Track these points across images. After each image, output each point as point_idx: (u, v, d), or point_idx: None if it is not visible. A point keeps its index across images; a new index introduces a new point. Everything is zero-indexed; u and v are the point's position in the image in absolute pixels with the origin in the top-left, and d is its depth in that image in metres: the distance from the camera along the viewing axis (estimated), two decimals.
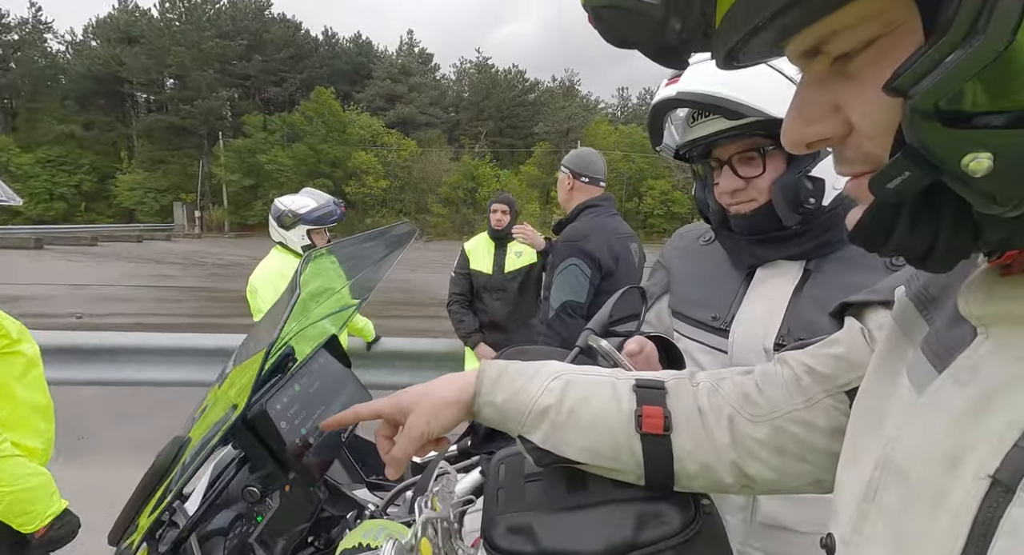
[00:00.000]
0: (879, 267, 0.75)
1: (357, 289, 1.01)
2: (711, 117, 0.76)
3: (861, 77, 0.27)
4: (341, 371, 0.68)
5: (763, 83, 0.71)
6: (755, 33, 0.27)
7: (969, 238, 0.26)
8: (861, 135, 0.28)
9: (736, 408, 0.52)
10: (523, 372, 0.56)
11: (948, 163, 0.23)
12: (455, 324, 2.85)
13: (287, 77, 41.19)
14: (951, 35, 0.21)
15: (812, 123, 0.30)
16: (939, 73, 0.22)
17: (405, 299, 10.34)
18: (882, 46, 0.25)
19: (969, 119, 0.22)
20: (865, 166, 0.29)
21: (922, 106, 0.23)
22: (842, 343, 0.50)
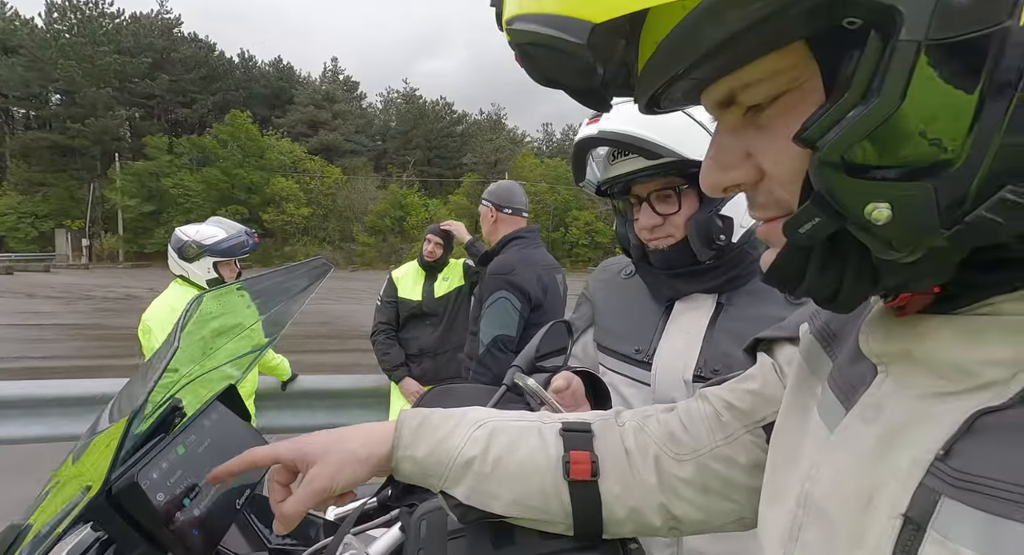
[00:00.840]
0: (781, 300, 0.81)
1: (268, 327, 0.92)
2: (630, 156, 0.80)
3: (771, 127, 0.29)
4: (239, 426, 0.61)
5: (678, 127, 0.76)
6: (673, 82, 0.28)
7: (870, 282, 0.28)
8: (772, 181, 0.30)
9: (661, 447, 0.52)
10: (446, 421, 0.53)
11: (852, 211, 0.25)
12: (379, 357, 2.72)
13: (198, 98, 38.80)
14: (851, 93, 0.23)
15: (727, 169, 0.32)
16: (842, 127, 0.23)
17: (327, 332, 9.78)
18: (789, 100, 0.27)
19: (869, 171, 0.24)
20: (776, 211, 0.31)
21: (829, 157, 0.24)
22: (757, 379, 0.52)
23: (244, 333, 0.78)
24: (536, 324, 1.84)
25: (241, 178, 31.10)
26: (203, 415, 0.58)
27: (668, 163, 0.77)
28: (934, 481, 0.26)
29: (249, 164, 31.77)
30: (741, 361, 0.78)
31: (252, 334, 0.79)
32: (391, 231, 32.25)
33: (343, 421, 2.97)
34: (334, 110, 41.30)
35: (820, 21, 0.23)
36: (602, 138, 0.77)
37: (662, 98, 0.31)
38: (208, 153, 31.84)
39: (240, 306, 0.75)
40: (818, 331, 0.41)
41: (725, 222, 0.80)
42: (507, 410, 0.86)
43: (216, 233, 2.24)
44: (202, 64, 39.41)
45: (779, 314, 0.82)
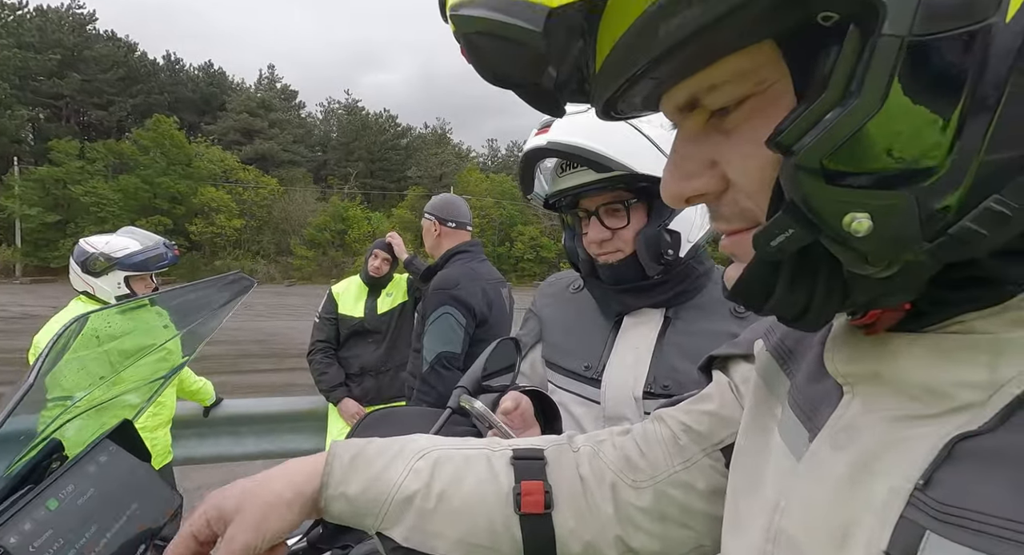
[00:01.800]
0: (727, 314, 0.82)
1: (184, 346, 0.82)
2: (579, 169, 0.79)
3: (737, 133, 0.27)
4: (134, 468, 0.52)
5: (628, 140, 0.76)
6: (633, 82, 0.26)
7: (840, 298, 0.26)
8: (738, 191, 0.28)
9: (618, 473, 0.49)
10: (383, 452, 0.48)
11: (830, 222, 0.23)
12: (316, 377, 2.56)
13: (115, 101, 35.91)
14: (829, 93, 0.21)
15: (690, 178, 0.30)
16: (820, 130, 0.22)
17: (261, 351, 9.19)
18: (757, 103, 0.26)
19: (848, 178, 0.22)
20: (741, 223, 0.29)
21: (807, 163, 0.22)
22: (713, 399, 0.50)
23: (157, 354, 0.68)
24: (482, 340, 1.79)
25: (165, 187, 28.93)
26: (87, 458, 0.49)
27: (617, 177, 0.77)
28: (916, 513, 0.24)
29: (174, 172, 29.64)
30: (690, 376, 0.76)
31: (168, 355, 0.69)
32: (331, 244, 31.12)
33: (273, 448, 2.76)
34: (270, 118, 39.57)
35: (791, 17, 0.22)
36: (551, 149, 0.75)
37: (620, 101, 0.29)
38: (127, 159, 29.40)
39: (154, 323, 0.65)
40: (774, 348, 0.40)
41: (673, 237, 0.80)
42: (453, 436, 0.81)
43: (128, 245, 2.02)
44: (120, 64, 36.57)
45: (726, 329, 0.81)
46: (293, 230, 31.82)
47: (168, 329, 0.75)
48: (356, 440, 0.49)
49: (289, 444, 2.78)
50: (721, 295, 0.85)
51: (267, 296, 20.93)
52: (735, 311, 0.82)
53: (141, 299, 0.65)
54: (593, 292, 0.91)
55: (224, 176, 32.05)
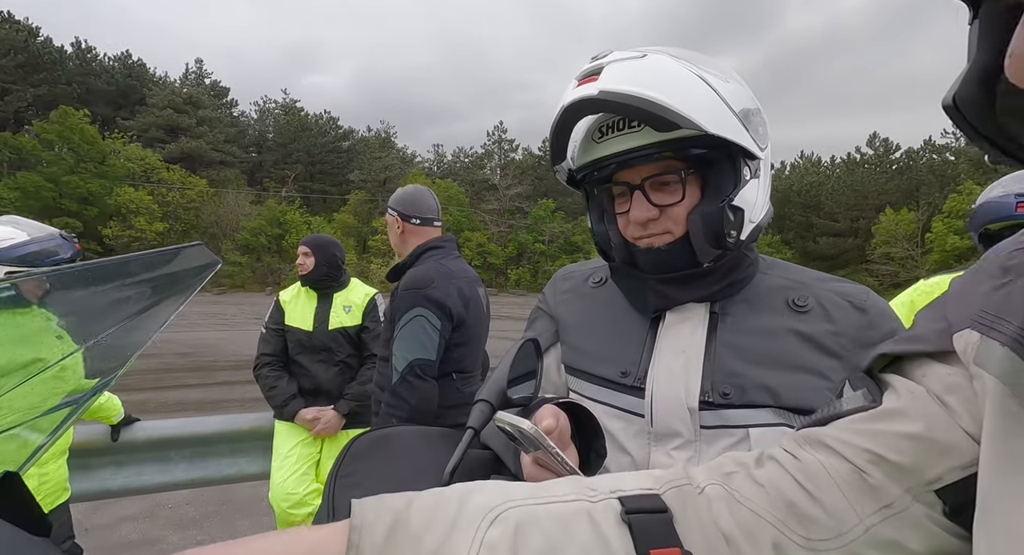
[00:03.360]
0: (782, 307, 0.70)
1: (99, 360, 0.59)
2: (627, 130, 0.65)
3: None
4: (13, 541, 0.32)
5: (693, 92, 0.62)
6: None
7: None
8: None
9: (780, 528, 0.35)
10: (434, 518, 0.32)
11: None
12: (266, 392, 2.26)
13: (13, 89, 32.23)
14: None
15: None
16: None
17: (187, 364, 8.39)
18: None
19: None
20: None
21: None
22: (912, 416, 0.35)
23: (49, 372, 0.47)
24: (458, 344, 1.62)
25: (73, 186, 26.19)
26: None
27: (676, 140, 0.63)
28: None
29: (85, 170, 26.92)
30: (753, 381, 0.64)
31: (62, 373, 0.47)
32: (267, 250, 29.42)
33: (209, 474, 2.42)
34: (199, 116, 36.98)
35: None
36: (604, 100, 0.60)
37: None
38: (27, 155, 26.35)
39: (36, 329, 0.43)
40: (1016, 341, 0.28)
41: (736, 215, 0.67)
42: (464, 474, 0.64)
43: (13, 235, 1.60)
44: (20, 50, 32.91)
45: (785, 324, 0.68)
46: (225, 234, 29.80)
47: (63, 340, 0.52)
48: (389, 500, 0.34)
49: (229, 469, 2.45)
50: (773, 284, 0.71)
51: (195, 304, 19.36)
52: (794, 303, 0.69)
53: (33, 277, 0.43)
54: (624, 284, 0.77)
55: (145, 176, 29.52)
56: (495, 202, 38.85)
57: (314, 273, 2.29)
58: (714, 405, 0.66)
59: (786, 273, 0.74)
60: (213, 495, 3.17)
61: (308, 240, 2.34)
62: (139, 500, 3.16)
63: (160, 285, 0.44)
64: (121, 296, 0.46)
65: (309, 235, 2.39)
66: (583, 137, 0.71)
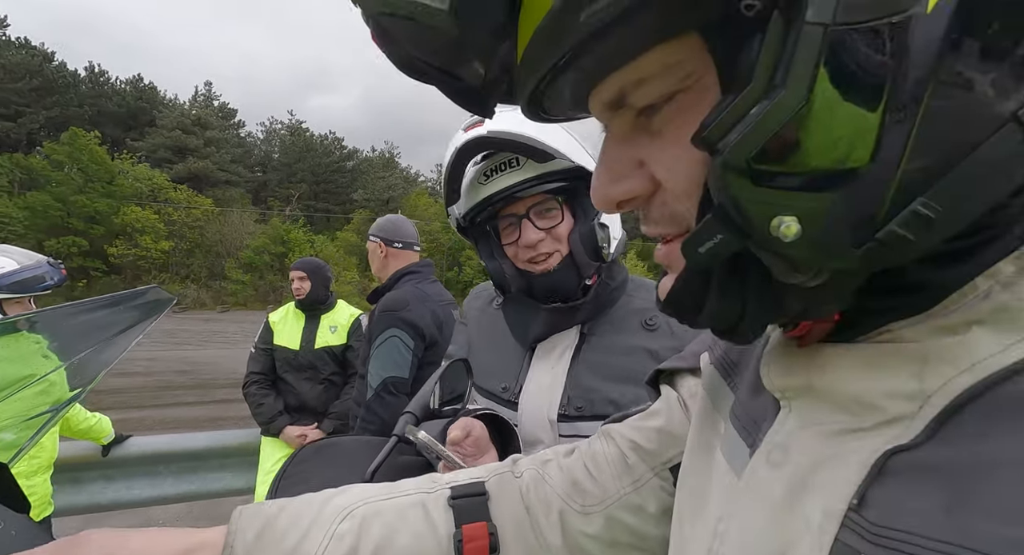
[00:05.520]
0: (638, 326, 0.81)
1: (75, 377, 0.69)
2: (510, 170, 0.77)
3: (665, 132, 0.26)
4: (7, 522, 0.42)
5: (559, 134, 0.75)
6: (555, 74, 0.25)
7: (771, 309, 0.25)
8: (668, 193, 0.27)
9: (566, 499, 0.46)
10: (297, 521, 0.41)
11: (758, 226, 0.22)
12: (253, 409, 2.36)
13: (26, 112, 33.07)
14: (753, 85, 0.20)
15: (619, 180, 0.28)
16: (745, 125, 0.21)
17: (186, 382, 8.45)
18: (684, 100, 0.24)
19: (775, 178, 0.21)
20: (671, 227, 0.28)
21: (733, 161, 0.21)
22: (662, 414, 0.48)
23: (37, 387, 0.58)
24: (431, 363, 1.72)
25: (80, 205, 26.64)
26: None
27: (552, 172, 0.75)
28: (850, 536, 0.22)
29: (93, 190, 27.42)
30: (603, 395, 0.76)
31: (50, 388, 0.58)
32: (270, 268, 29.67)
33: (196, 488, 2.50)
34: (206, 137, 37.77)
35: (713, 6, 0.21)
36: (493, 139, 0.73)
37: (545, 97, 0.27)
38: (36, 175, 26.90)
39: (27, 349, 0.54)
40: (718, 361, 0.39)
41: (605, 230, 0.78)
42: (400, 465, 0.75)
43: (3, 264, 1.74)
44: (35, 74, 33.89)
45: (638, 342, 0.80)
46: (228, 253, 30.11)
47: (49, 360, 0.63)
48: (264, 507, 0.42)
49: (216, 484, 2.52)
50: (634, 306, 0.83)
51: (196, 323, 19.51)
52: (646, 323, 0.81)
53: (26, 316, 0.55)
54: (510, 316, 0.86)
55: (152, 195, 30.02)
56: None
57: (311, 295, 2.40)
58: (570, 417, 0.76)
59: (648, 294, 0.85)
60: (203, 510, 3.22)
61: (302, 265, 2.45)
62: (131, 515, 3.21)
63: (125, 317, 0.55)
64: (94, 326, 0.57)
65: (301, 259, 2.51)
66: (468, 184, 0.82)
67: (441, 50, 0.26)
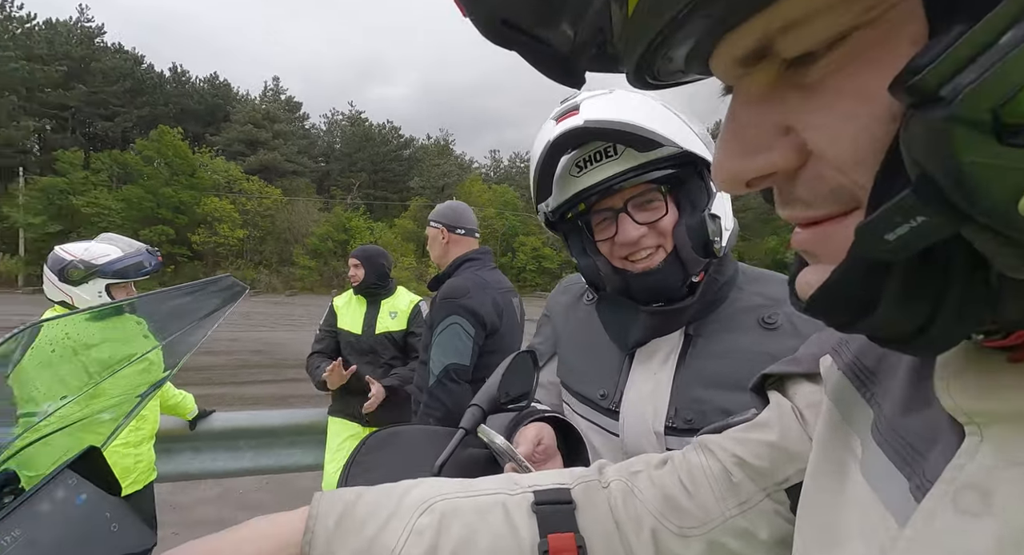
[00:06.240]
0: (754, 325, 0.72)
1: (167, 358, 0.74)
2: (608, 159, 0.69)
3: (827, 85, 0.20)
4: (100, 504, 0.44)
5: (662, 115, 0.66)
6: (677, 26, 0.20)
7: (979, 314, 0.19)
8: (825, 164, 0.21)
9: (659, 518, 0.42)
10: (375, 511, 0.40)
11: (996, 203, 0.15)
12: (311, 371, 2.45)
13: (120, 112, 36.31)
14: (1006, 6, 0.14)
15: (755, 152, 0.22)
16: (988, 61, 0.14)
17: (262, 361, 9.09)
18: (860, 41, 0.18)
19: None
20: (827, 207, 0.21)
21: (968, 113, 0.15)
22: (773, 427, 0.41)
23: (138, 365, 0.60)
24: (492, 351, 1.71)
25: (168, 197, 29.08)
26: (42, 493, 0.41)
27: (655, 161, 0.67)
28: None
29: (178, 182, 29.83)
30: (716, 406, 0.67)
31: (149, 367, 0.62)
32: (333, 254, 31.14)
33: (272, 463, 2.66)
34: (275, 130, 39.88)
35: None
36: (590, 128, 0.64)
37: (658, 57, 0.22)
38: (130, 170, 29.60)
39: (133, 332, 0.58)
40: (848, 367, 0.32)
41: (716, 222, 0.69)
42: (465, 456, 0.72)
43: (109, 251, 1.89)
44: (127, 76, 37.06)
45: (755, 344, 0.69)
46: (296, 240, 31.89)
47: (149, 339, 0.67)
48: (343, 493, 0.41)
49: (287, 459, 2.67)
50: (747, 303, 0.72)
51: (269, 306, 20.91)
52: (763, 321, 0.71)
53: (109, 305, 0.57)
54: (606, 317, 0.78)
55: (228, 186, 32.22)
56: None
57: (364, 282, 2.47)
58: (678, 431, 0.69)
59: (765, 289, 0.74)
60: (277, 483, 3.45)
61: (358, 253, 2.51)
62: (215, 484, 3.51)
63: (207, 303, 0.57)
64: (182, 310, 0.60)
65: (358, 247, 2.57)
66: (559, 177, 0.74)
67: (529, 9, 0.22)
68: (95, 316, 0.57)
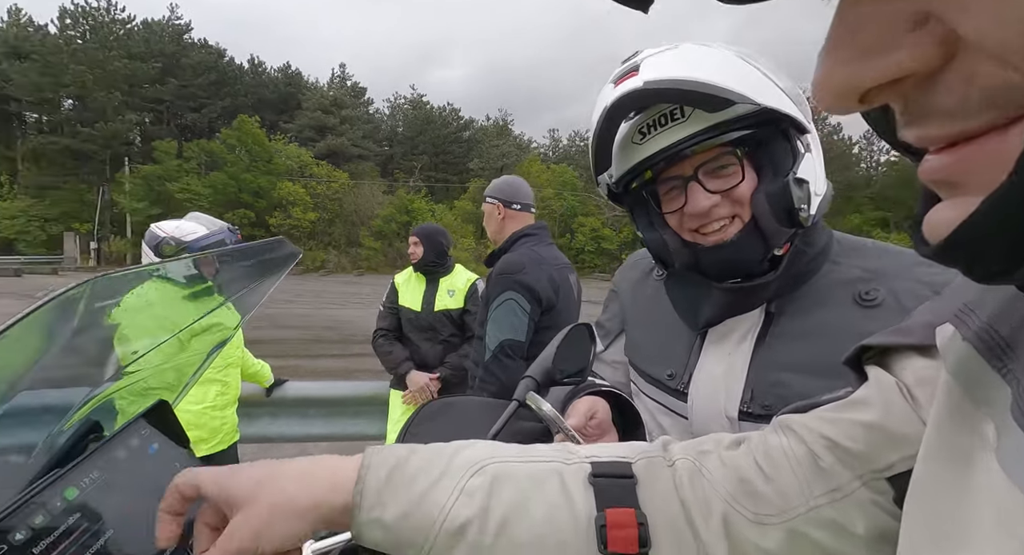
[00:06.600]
0: (848, 301, 0.63)
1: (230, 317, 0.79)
2: (674, 122, 0.61)
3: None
4: (170, 454, 0.46)
5: (735, 68, 0.58)
6: None
7: None
8: (981, 58, 0.15)
9: (732, 502, 0.37)
10: (428, 466, 0.38)
11: None
12: (382, 357, 2.57)
13: (207, 103, 39.21)
14: None
15: (877, 54, 0.17)
16: None
17: (331, 337, 9.68)
18: None
19: None
20: (985, 115, 0.16)
21: None
22: (872, 406, 0.35)
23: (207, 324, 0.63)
24: (548, 327, 1.68)
25: (248, 182, 31.27)
26: (117, 441, 0.44)
27: (729, 121, 0.59)
28: None
29: (256, 168, 31.96)
30: (800, 391, 0.59)
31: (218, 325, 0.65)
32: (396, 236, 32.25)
33: (338, 431, 2.82)
34: (341, 115, 41.51)
35: None
36: (652, 89, 0.57)
37: None
38: (216, 157, 32.06)
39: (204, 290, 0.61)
40: (977, 337, 0.26)
41: (803, 188, 0.60)
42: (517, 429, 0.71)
43: (196, 229, 2.10)
44: (211, 69, 39.85)
45: (844, 322, 0.60)
46: (362, 222, 33.31)
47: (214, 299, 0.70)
48: (395, 448, 0.40)
49: (352, 428, 2.84)
50: (842, 276, 0.63)
51: (338, 285, 22.12)
52: (860, 297, 0.62)
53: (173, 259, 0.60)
54: (675, 294, 0.71)
55: (300, 171, 34.09)
56: None
57: (423, 260, 2.51)
58: (755, 416, 0.62)
59: (863, 261, 0.65)
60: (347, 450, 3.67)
61: (418, 231, 2.56)
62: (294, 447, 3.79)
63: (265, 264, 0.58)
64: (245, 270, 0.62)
65: (419, 226, 2.62)
66: (620, 145, 0.68)
67: None
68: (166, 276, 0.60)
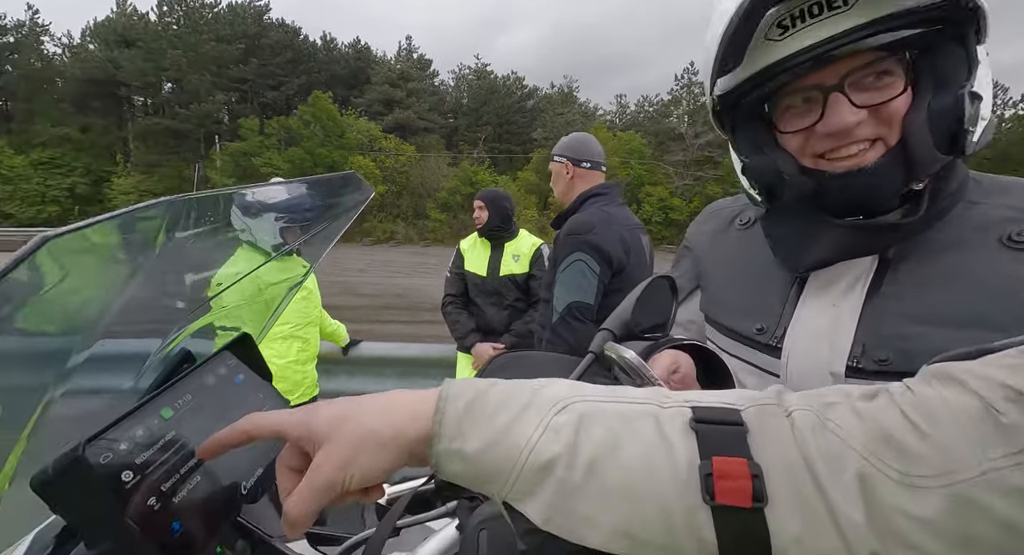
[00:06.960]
0: (991, 245, 0.52)
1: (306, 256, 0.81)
2: (832, 11, 0.49)
3: None
4: (253, 384, 0.47)
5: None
6: None
7: None
8: None
9: (870, 459, 0.30)
10: (509, 400, 0.36)
11: None
12: (450, 326, 2.64)
13: (285, 81, 41.19)
14: None
15: None
16: None
17: (400, 304, 10.17)
18: None
19: None
20: None
21: None
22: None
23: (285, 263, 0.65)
24: (618, 290, 1.62)
25: (323, 157, 32.84)
26: (206, 368, 0.45)
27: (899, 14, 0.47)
28: None
29: (330, 143, 33.45)
30: (926, 345, 0.50)
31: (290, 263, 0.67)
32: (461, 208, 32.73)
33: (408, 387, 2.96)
34: (408, 88, 42.08)
35: None
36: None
37: None
38: (293, 133, 33.86)
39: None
40: None
41: (976, 104, 0.49)
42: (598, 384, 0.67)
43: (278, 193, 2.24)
44: (288, 48, 41.66)
45: (988, 267, 0.50)
46: (428, 194, 34.08)
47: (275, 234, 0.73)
48: (474, 381, 0.38)
49: (423, 386, 2.96)
50: (982, 217, 0.53)
51: (406, 255, 23.02)
52: (1010, 239, 0.50)
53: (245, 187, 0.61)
54: (777, 232, 0.62)
55: (369, 145, 35.24)
56: (680, 153, 35.88)
57: (488, 224, 2.51)
58: (865, 373, 0.53)
59: (1007, 198, 0.54)
60: None
61: (482, 195, 2.56)
62: None
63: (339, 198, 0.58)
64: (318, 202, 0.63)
65: (483, 190, 2.62)
66: (751, 42, 0.55)
67: None
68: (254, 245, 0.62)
